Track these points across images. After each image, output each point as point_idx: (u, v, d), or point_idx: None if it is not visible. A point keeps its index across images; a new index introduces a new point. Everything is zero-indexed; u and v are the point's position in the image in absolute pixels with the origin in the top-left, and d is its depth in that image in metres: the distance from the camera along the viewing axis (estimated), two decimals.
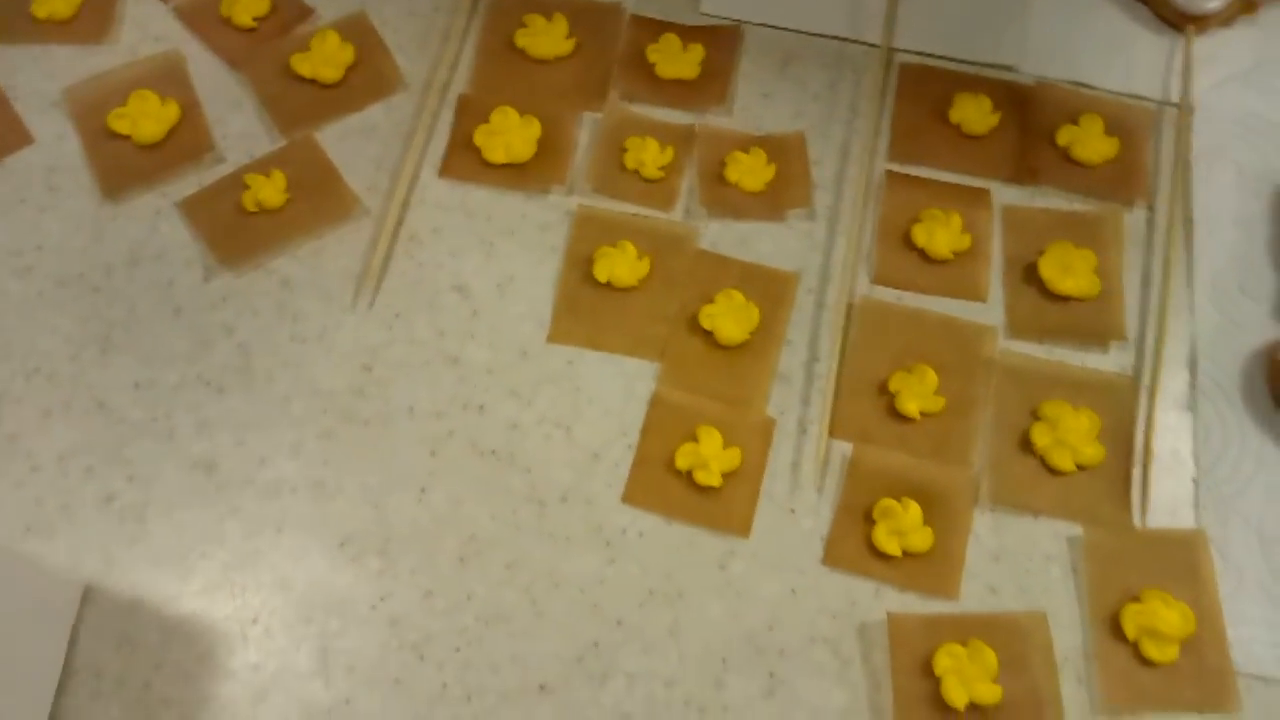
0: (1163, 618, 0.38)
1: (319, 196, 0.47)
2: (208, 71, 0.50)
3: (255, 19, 0.51)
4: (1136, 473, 0.42)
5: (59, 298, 0.44)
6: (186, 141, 0.48)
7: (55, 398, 0.42)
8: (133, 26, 0.51)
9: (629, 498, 0.41)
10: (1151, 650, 0.38)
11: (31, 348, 0.43)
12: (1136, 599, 0.39)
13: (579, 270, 0.46)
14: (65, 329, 0.44)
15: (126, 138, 0.47)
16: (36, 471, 0.41)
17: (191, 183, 0.47)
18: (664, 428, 0.42)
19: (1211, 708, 0.38)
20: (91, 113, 0.48)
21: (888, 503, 0.40)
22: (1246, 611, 0.40)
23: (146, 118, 0.47)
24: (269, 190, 0.46)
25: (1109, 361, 0.44)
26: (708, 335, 0.44)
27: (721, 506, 0.41)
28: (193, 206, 0.46)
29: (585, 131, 0.49)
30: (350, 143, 0.48)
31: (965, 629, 0.39)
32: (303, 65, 0.49)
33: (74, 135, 0.48)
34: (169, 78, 0.49)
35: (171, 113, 0.48)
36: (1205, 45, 0.52)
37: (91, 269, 0.45)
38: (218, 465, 0.41)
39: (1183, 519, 0.41)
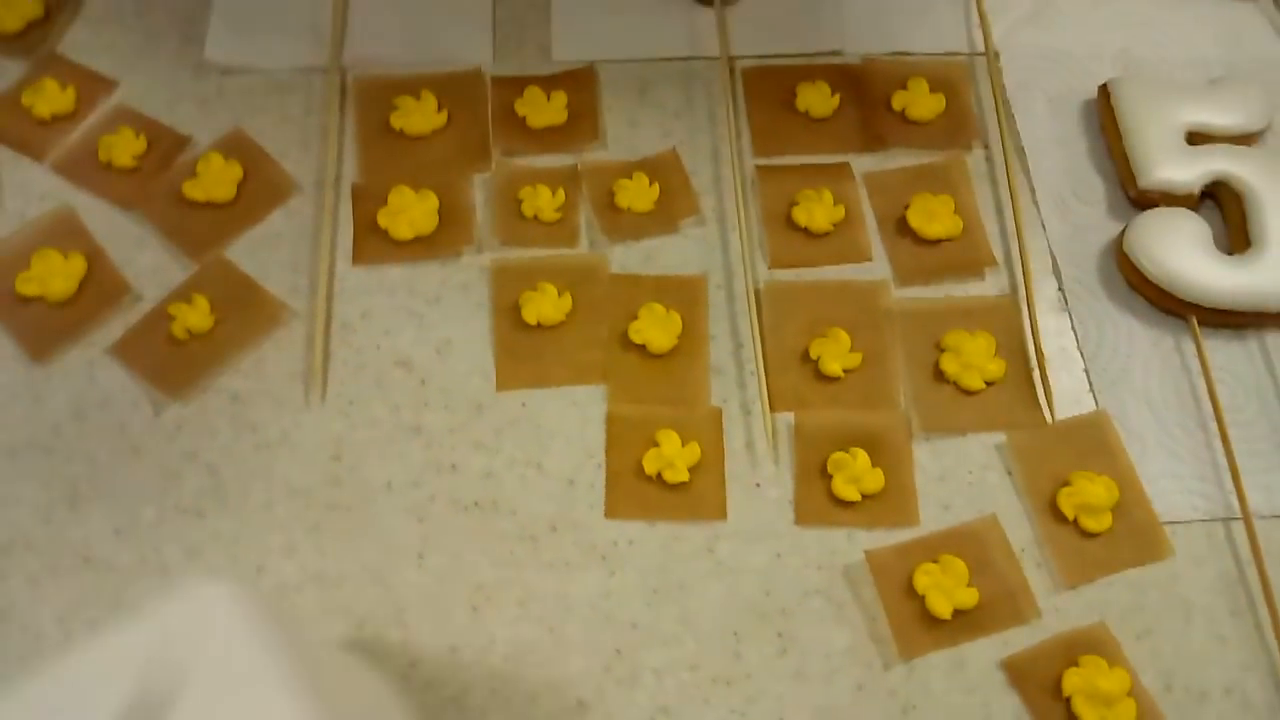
0: (1091, 493, 0.44)
1: (245, 310, 0.49)
2: (102, 217, 0.51)
3: (135, 158, 0.52)
4: (1036, 376, 0.48)
5: (13, 469, 0.45)
6: (100, 289, 0.49)
7: (38, 564, 0.43)
8: (14, 192, 0.52)
9: (611, 512, 0.45)
10: (1089, 523, 0.44)
11: (1, 522, 0.44)
12: (1066, 483, 0.45)
13: (508, 319, 0.49)
14: (29, 496, 0.44)
15: (39, 299, 0.48)
16: (40, 639, 0.41)
17: (117, 326, 0.48)
18: (625, 441, 0.46)
19: (1150, 558, 0.44)
20: None
21: (838, 456, 0.45)
22: (1154, 469, 0.46)
23: (54, 276, 0.48)
24: (195, 316, 0.48)
25: (988, 287, 0.50)
26: (641, 349, 0.48)
27: (695, 498, 0.45)
28: (125, 349, 0.47)
29: (479, 192, 0.52)
30: (260, 253, 0.50)
31: (933, 547, 0.44)
32: (195, 190, 0.51)
33: None
34: (66, 232, 0.50)
35: (77, 266, 0.49)
36: None
37: (39, 432, 0.46)
38: None
39: (1085, 405, 0.47)
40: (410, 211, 0.51)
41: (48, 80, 0.54)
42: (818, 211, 0.51)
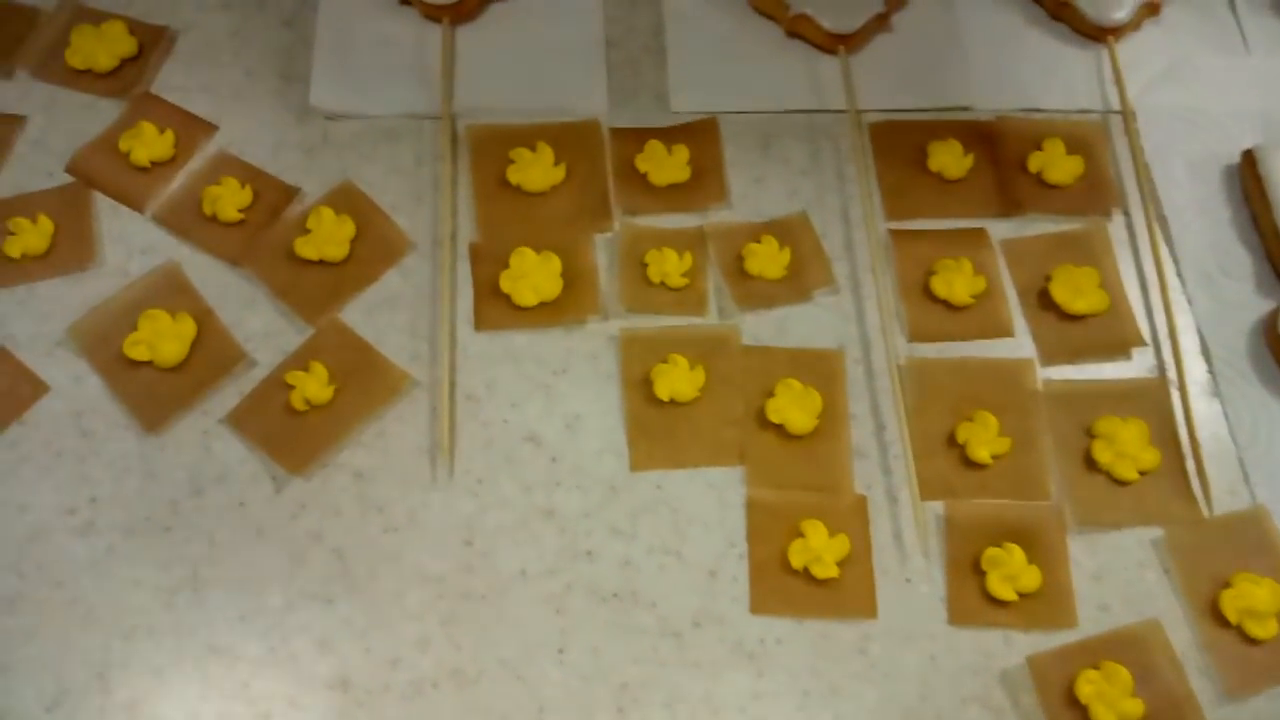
0: (1256, 597, 0.42)
1: (364, 379, 0.46)
2: (208, 274, 0.49)
3: (241, 210, 0.50)
4: (1191, 466, 0.46)
5: (131, 549, 0.43)
6: (212, 353, 0.47)
7: (163, 653, 0.41)
8: (114, 244, 0.49)
9: (757, 608, 0.43)
10: (1255, 629, 0.42)
11: (120, 607, 0.42)
12: (1228, 584, 0.43)
13: (639, 393, 0.47)
14: (149, 579, 0.42)
15: (148, 363, 0.46)
16: None
17: (231, 394, 0.46)
18: (767, 530, 0.44)
19: None
20: (103, 346, 0.46)
21: (993, 552, 0.43)
22: None
23: (164, 339, 0.46)
24: (314, 386, 0.45)
25: (1135, 367, 0.48)
26: (779, 429, 0.46)
27: (844, 594, 0.43)
28: (241, 419, 0.45)
29: (602, 253, 0.50)
30: (376, 316, 0.48)
31: (1094, 652, 0.42)
32: (307, 249, 0.49)
33: (91, 373, 0.46)
34: (172, 291, 0.48)
35: (187, 327, 0.47)
36: (1124, 51, 0.57)
37: (155, 509, 0.44)
38: (351, 680, 0.41)
39: (1240, 497, 0.46)
40: (533, 275, 0.48)
41: (145, 124, 0.51)
42: (958, 282, 0.49)
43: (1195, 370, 0.48)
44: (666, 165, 0.52)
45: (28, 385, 0.46)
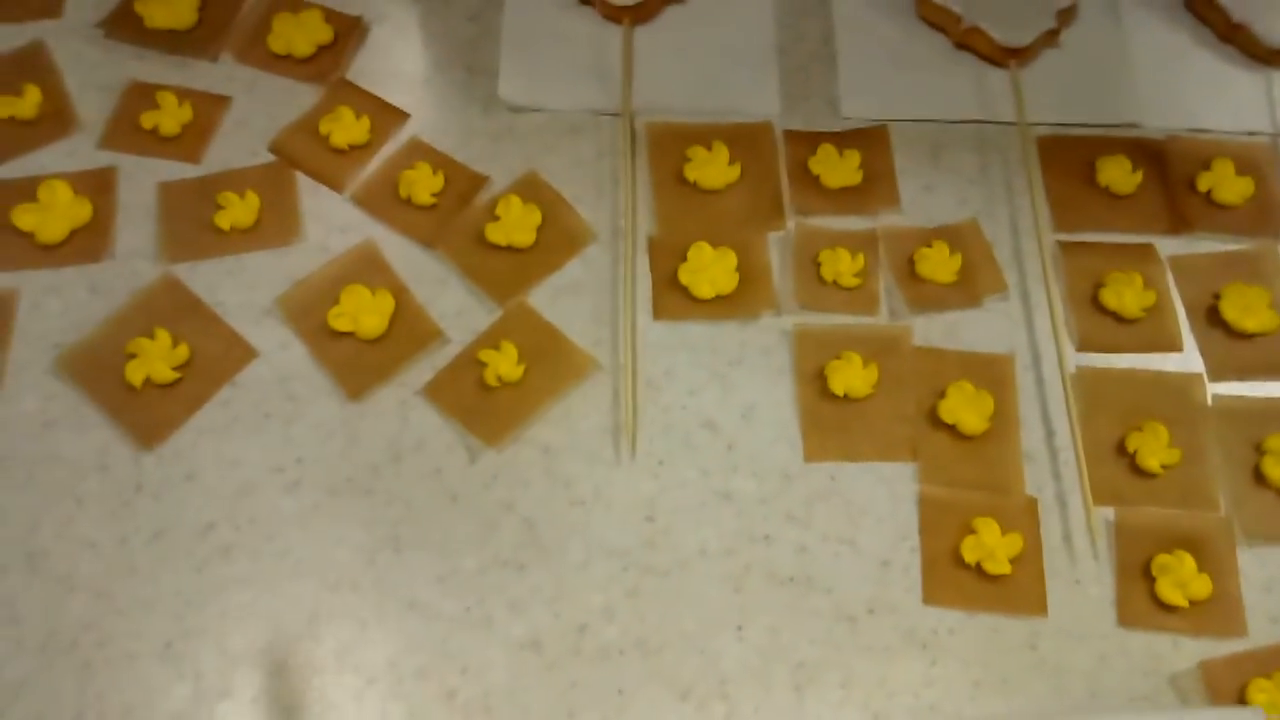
0: None
1: (551, 360, 0.49)
2: (403, 254, 0.51)
3: (434, 195, 0.52)
4: None
5: (335, 507, 0.45)
6: (410, 328, 0.49)
7: (365, 606, 0.43)
8: (315, 221, 0.52)
9: (930, 599, 0.44)
10: None
11: (327, 562, 0.44)
12: None
13: (813, 387, 0.48)
14: (353, 537, 0.45)
15: (350, 334, 0.49)
16: (372, 684, 0.42)
17: (426, 368, 0.48)
18: (940, 525, 0.45)
19: None
20: (307, 316, 0.49)
21: (1163, 558, 0.44)
22: None
23: (365, 312, 0.49)
24: (506, 364, 0.48)
25: None
26: (951, 429, 0.47)
27: (1015, 591, 0.44)
28: (437, 392, 0.48)
29: (775, 251, 0.52)
30: (561, 301, 0.50)
31: (1266, 662, 0.43)
32: (496, 234, 0.51)
33: (296, 341, 0.49)
34: (371, 267, 0.51)
35: (386, 303, 0.49)
36: None
37: (358, 472, 0.46)
38: (542, 643, 0.43)
39: None
40: (711, 270, 0.50)
41: (343, 109, 0.54)
42: (1128, 295, 0.50)
43: None
44: (839, 168, 0.53)
45: (239, 349, 0.49)
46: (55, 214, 0.51)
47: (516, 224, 0.51)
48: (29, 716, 0.41)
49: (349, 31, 0.57)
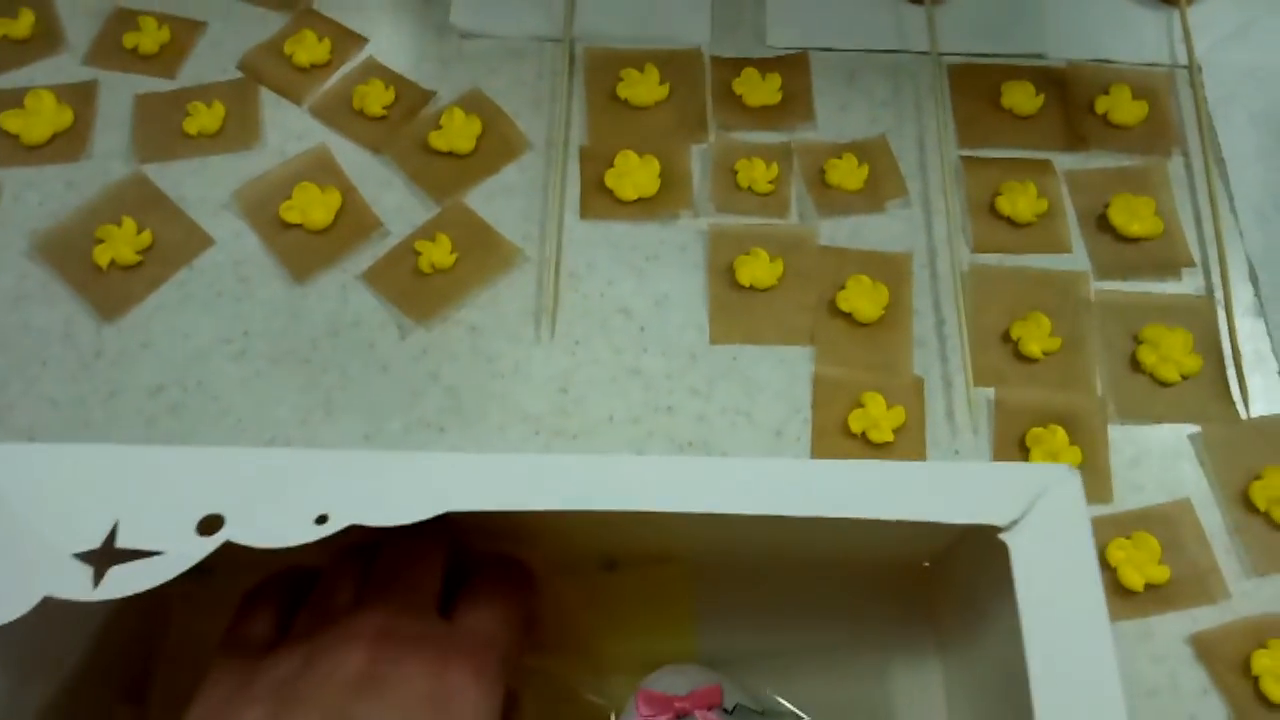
0: None
1: (482, 251, 0.53)
2: (353, 159, 0.56)
3: (384, 108, 0.57)
4: (1232, 373, 0.49)
5: (276, 374, 0.50)
6: (353, 222, 0.54)
7: None
8: (274, 129, 0.57)
9: None
10: None
11: (265, 419, 0.48)
12: (1259, 477, 0.46)
13: (723, 279, 0.52)
14: (290, 399, 0.49)
15: (299, 226, 0.53)
16: None
17: (366, 256, 0.53)
18: (831, 400, 0.49)
19: None
20: (261, 209, 0.54)
21: (1037, 430, 0.47)
22: None
23: (314, 206, 0.53)
24: (439, 253, 0.52)
25: (1184, 287, 0.52)
26: (848, 317, 0.51)
27: (896, 457, 0.48)
28: (375, 276, 0.52)
29: (697, 161, 0.56)
30: (495, 201, 0.55)
31: (1125, 525, 0.46)
32: (439, 141, 0.55)
33: (249, 232, 0.53)
34: (322, 169, 0.55)
35: (334, 199, 0.54)
36: (1196, 14, 0.60)
37: (298, 344, 0.50)
38: None
39: (1276, 404, 0.49)
40: (634, 175, 0.54)
41: (307, 32, 0.59)
42: (1021, 202, 0.53)
43: (1241, 294, 0.52)
44: (760, 89, 0.58)
45: (197, 238, 0.53)
46: (40, 119, 0.56)
47: (458, 132, 0.56)
48: None
49: None
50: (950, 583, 0.41)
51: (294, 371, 0.50)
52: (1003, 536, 0.32)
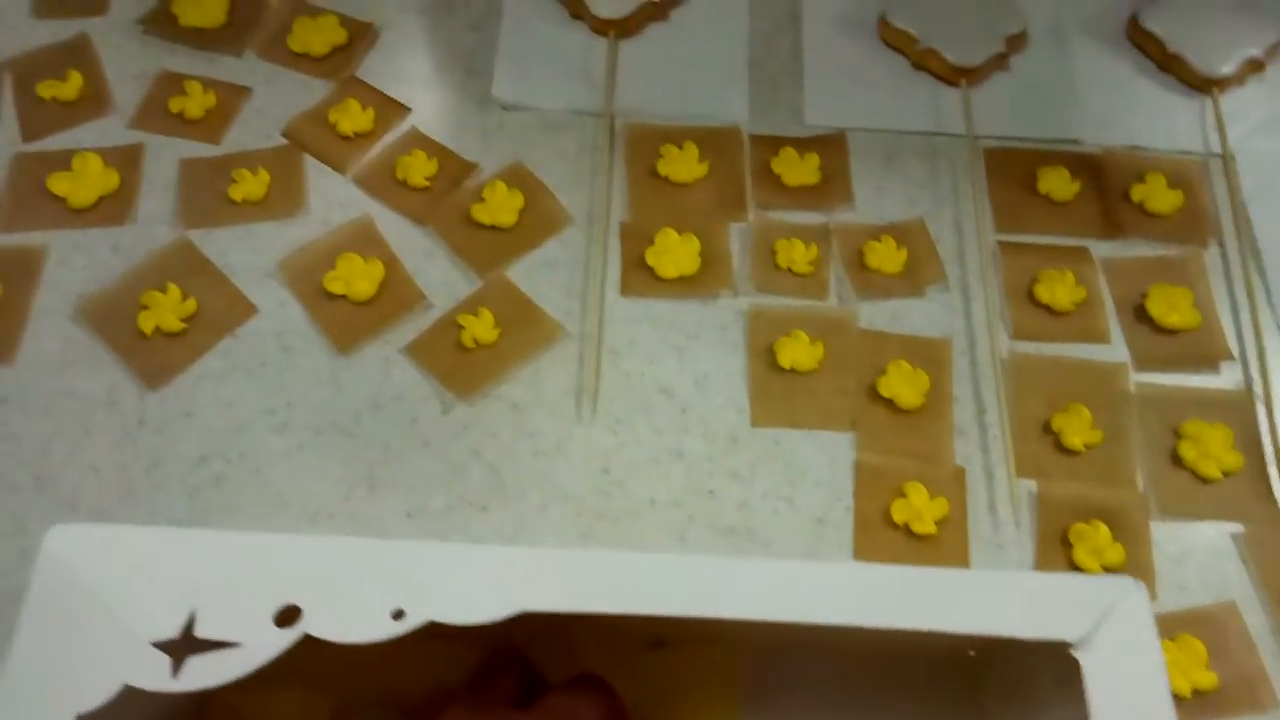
0: None
1: (524, 327, 0.53)
2: (396, 229, 0.56)
3: (427, 179, 0.57)
4: (1273, 471, 0.49)
5: (318, 447, 0.50)
6: (397, 293, 0.54)
7: (340, 535, 0.47)
8: (318, 198, 0.57)
9: (860, 554, 0.47)
10: None
11: (307, 493, 0.48)
12: None
13: (763, 360, 0.52)
14: (332, 473, 0.49)
15: (343, 297, 0.53)
16: None
17: (410, 329, 0.53)
18: (873, 488, 0.49)
19: None
20: (305, 279, 0.54)
21: (1080, 526, 0.47)
22: None
23: (357, 277, 0.53)
24: (481, 328, 0.52)
25: (1224, 380, 0.52)
26: (889, 403, 0.51)
27: (939, 551, 0.48)
28: (418, 350, 0.52)
29: (736, 240, 0.56)
30: (537, 276, 0.55)
31: (1170, 626, 0.45)
32: (482, 214, 0.56)
33: (293, 301, 0.54)
34: (366, 239, 0.56)
35: (377, 270, 0.54)
36: (1227, 102, 0.61)
37: (340, 417, 0.50)
38: None
39: None
40: (675, 252, 0.55)
41: (351, 101, 0.60)
42: (1060, 290, 0.54)
43: (1278, 388, 0.52)
44: (799, 169, 0.58)
45: (241, 306, 0.53)
46: (86, 182, 0.56)
47: (500, 206, 0.56)
48: None
49: (361, 35, 0.63)
50: (1000, 675, 0.41)
51: (337, 445, 0.50)
52: (1075, 653, 0.32)
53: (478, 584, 0.31)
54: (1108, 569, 0.47)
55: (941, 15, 0.62)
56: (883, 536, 0.48)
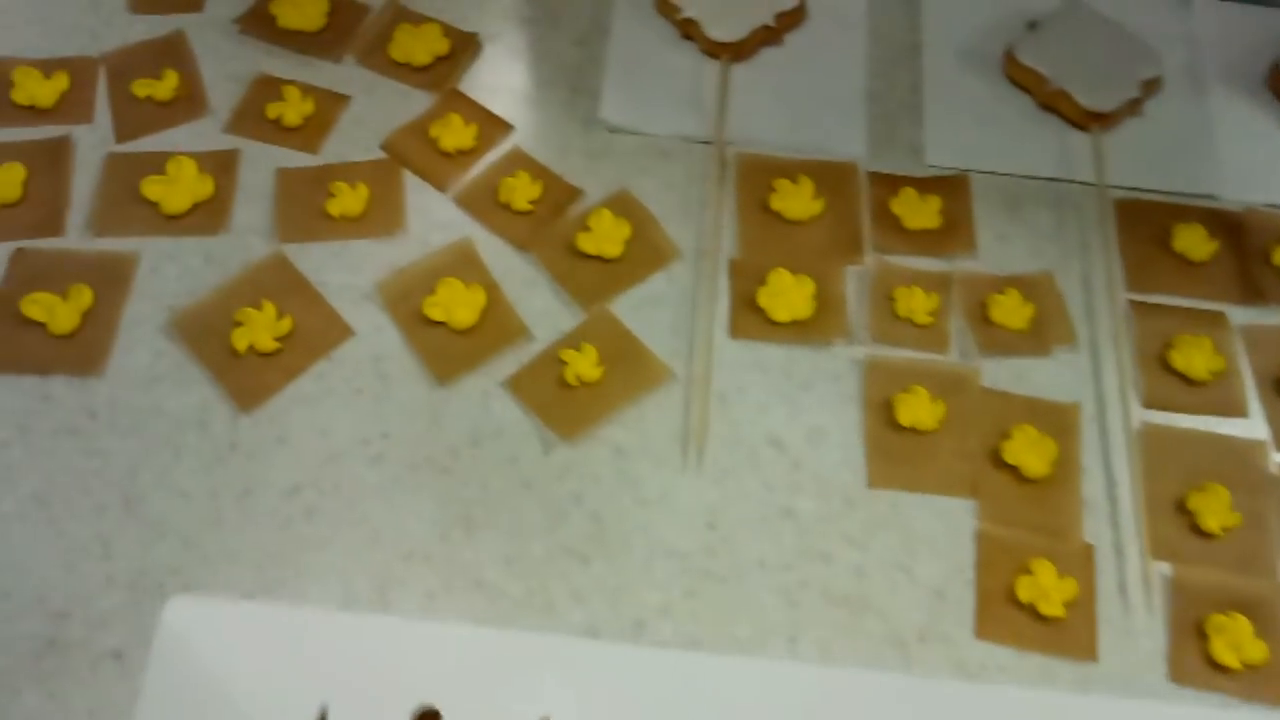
0: None
1: (629, 366, 0.51)
2: (498, 255, 0.54)
3: (530, 202, 0.55)
4: None
5: (414, 482, 0.48)
6: (498, 324, 0.52)
7: (436, 579, 0.45)
8: (418, 216, 0.55)
9: (982, 633, 0.45)
10: None
11: (402, 532, 0.46)
12: None
13: (880, 416, 0.50)
14: (428, 512, 0.47)
15: (442, 324, 0.51)
16: None
17: (510, 362, 0.51)
18: (996, 562, 0.46)
19: None
20: (403, 302, 0.52)
21: (1219, 619, 0.44)
22: None
23: (459, 304, 0.51)
24: (585, 365, 0.50)
25: None
26: (1013, 470, 0.48)
27: (1067, 634, 0.45)
28: (518, 385, 0.50)
29: (852, 284, 0.54)
30: (643, 312, 0.53)
31: None
32: (587, 243, 0.54)
33: (390, 325, 0.51)
34: (467, 263, 0.53)
35: (478, 297, 0.52)
36: None
37: (438, 451, 0.48)
38: (600, 632, 0.44)
39: None
40: (788, 295, 0.52)
41: (454, 115, 0.58)
42: (1197, 358, 0.51)
43: None
44: (919, 211, 0.55)
45: (336, 328, 0.51)
46: (180, 187, 0.54)
47: (606, 236, 0.54)
48: (114, 647, 0.43)
49: (464, 46, 0.61)
50: None
51: (433, 481, 0.48)
52: None
53: (634, 688, 0.29)
54: (1248, 666, 0.44)
55: (1074, 55, 0.59)
56: (1006, 615, 0.45)
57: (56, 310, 0.50)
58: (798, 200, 0.55)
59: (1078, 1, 0.61)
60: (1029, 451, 0.48)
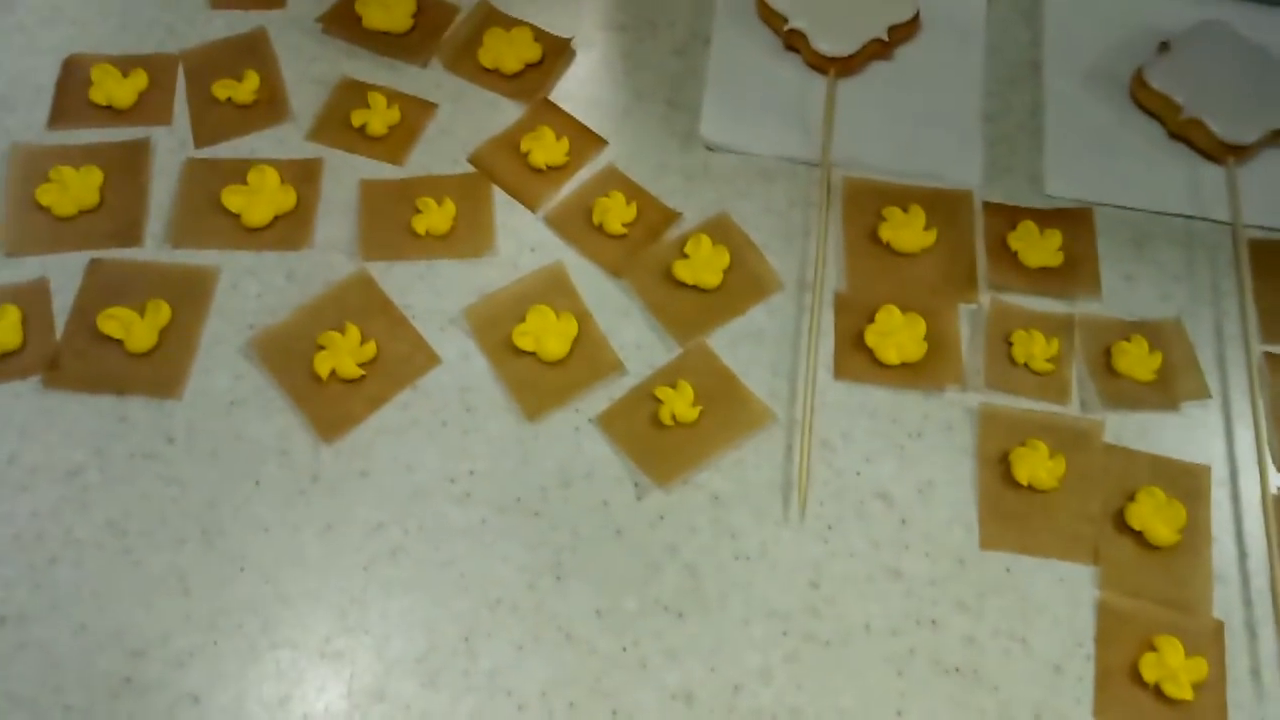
0: None
1: (727, 407, 0.48)
2: (590, 281, 0.51)
3: (625, 225, 0.52)
4: None
5: (502, 525, 0.45)
6: (590, 356, 0.49)
7: (523, 630, 0.43)
8: (507, 236, 0.53)
9: (1101, 714, 0.42)
10: None
11: (490, 577, 0.44)
12: None
13: (995, 471, 0.47)
14: (516, 557, 0.45)
15: (532, 354, 0.49)
16: (523, 710, 0.42)
17: (602, 397, 0.48)
18: (1118, 637, 0.43)
19: None
20: (492, 329, 0.50)
21: None
22: None
23: (549, 334, 0.49)
24: (681, 404, 0.47)
25: None
26: (1138, 536, 0.45)
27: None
28: (611, 422, 0.48)
29: (965, 324, 0.50)
30: (742, 348, 0.50)
31: None
32: (684, 272, 0.51)
33: (478, 354, 0.49)
34: (558, 290, 0.51)
35: (569, 327, 0.49)
36: None
37: (527, 492, 0.46)
38: (695, 695, 0.42)
39: None
40: (898, 335, 0.49)
41: (545, 128, 0.55)
42: None
43: None
44: (1039, 247, 0.52)
45: (422, 354, 0.49)
46: (262, 198, 0.52)
47: (705, 264, 0.51)
48: (192, 688, 0.42)
49: (557, 53, 0.58)
50: None
51: (522, 524, 0.46)
52: None
53: None
54: None
55: (1210, 80, 0.55)
56: (1129, 696, 0.42)
57: (134, 327, 0.49)
58: (909, 231, 0.52)
59: (1216, 21, 0.56)
60: (1155, 516, 0.45)
